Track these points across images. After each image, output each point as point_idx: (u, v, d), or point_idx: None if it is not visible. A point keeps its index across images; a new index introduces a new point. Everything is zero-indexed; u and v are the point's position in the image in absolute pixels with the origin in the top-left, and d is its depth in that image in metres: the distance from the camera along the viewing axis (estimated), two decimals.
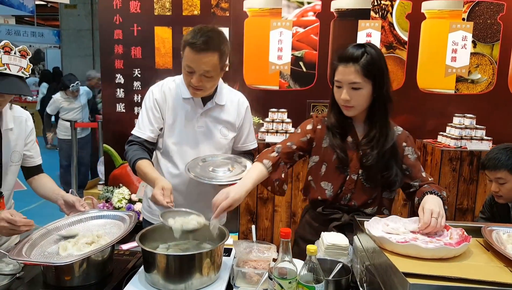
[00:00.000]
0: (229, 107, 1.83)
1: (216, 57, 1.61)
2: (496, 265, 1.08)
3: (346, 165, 1.58)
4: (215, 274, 1.29)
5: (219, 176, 1.65)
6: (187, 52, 1.60)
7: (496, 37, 3.43)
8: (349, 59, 1.47)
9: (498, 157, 1.92)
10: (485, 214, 2.16)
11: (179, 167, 1.77)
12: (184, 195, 1.80)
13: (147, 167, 1.65)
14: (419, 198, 1.50)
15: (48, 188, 1.74)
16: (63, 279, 1.26)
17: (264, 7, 3.50)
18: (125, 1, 3.52)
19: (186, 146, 1.78)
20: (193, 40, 1.57)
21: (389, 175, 1.55)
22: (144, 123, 1.76)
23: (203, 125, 1.79)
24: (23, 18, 12.68)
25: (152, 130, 1.75)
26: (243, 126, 1.89)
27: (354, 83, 1.47)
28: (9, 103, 1.66)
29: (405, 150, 1.60)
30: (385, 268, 1.06)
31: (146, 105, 1.79)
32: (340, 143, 1.58)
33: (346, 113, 1.55)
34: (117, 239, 1.32)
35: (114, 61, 3.61)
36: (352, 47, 1.50)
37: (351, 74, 1.47)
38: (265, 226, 3.33)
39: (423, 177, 1.59)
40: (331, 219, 1.62)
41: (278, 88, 3.58)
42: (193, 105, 1.77)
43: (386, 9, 3.45)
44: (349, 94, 1.49)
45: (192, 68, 1.61)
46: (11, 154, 1.64)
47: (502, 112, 3.46)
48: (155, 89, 1.80)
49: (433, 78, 3.50)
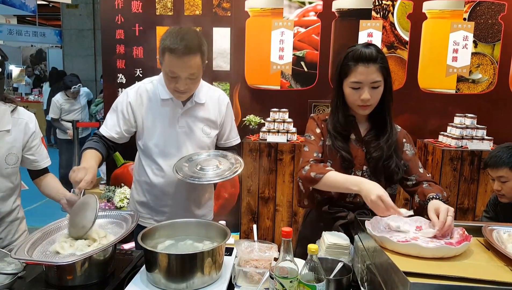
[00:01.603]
0: (209, 105, 1.82)
1: (199, 58, 1.60)
2: (497, 264, 1.08)
3: (351, 163, 1.61)
4: (217, 274, 1.29)
5: (209, 175, 1.64)
6: (168, 58, 1.59)
7: (497, 37, 3.43)
8: (370, 59, 1.50)
9: (500, 155, 1.92)
10: (489, 213, 2.16)
11: (163, 168, 1.77)
12: (172, 195, 1.80)
13: (86, 155, 1.64)
14: (421, 200, 1.51)
15: (52, 188, 1.74)
16: (65, 278, 1.26)
17: (265, 7, 3.50)
18: (127, 1, 3.53)
19: (168, 147, 1.77)
20: (173, 45, 1.55)
21: (389, 165, 1.59)
22: (113, 122, 1.77)
23: (184, 125, 1.78)
24: (25, 18, 12.70)
25: (117, 132, 1.76)
26: (225, 122, 1.88)
27: (376, 82, 1.52)
28: (12, 105, 1.65)
29: (404, 145, 1.66)
30: (386, 267, 1.06)
31: (117, 107, 1.79)
32: (342, 145, 1.60)
33: (363, 112, 1.59)
34: (119, 239, 1.32)
35: (115, 61, 3.62)
36: (365, 47, 1.53)
37: (373, 73, 1.51)
38: (267, 225, 3.33)
39: (420, 172, 1.62)
40: (337, 217, 1.63)
41: (279, 88, 3.58)
42: (173, 106, 1.76)
43: (387, 9, 3.45)
44: (370, 93, 1.53)
45: (176, 73, 1.60)
46: (7, 156, 1.61)
47: (503, 112, 3.46)
48: (131, 92, 1.79)
49: (434, 78, 3.50)
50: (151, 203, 1.84)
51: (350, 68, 1.53)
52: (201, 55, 1.62)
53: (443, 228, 1.25)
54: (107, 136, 1.76)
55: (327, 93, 3.33)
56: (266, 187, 3.27)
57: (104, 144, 1.75)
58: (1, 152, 1.60)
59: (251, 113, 3.53)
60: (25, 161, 1.71)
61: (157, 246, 1.38)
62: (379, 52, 1.53)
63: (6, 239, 1.68)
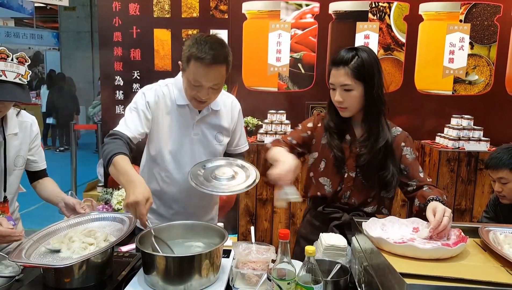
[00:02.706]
0: (223, 112, 1.78)
1: (224, 69, 1.57)
2: (493, 265, 1.09)
3: (343, 163, 1.62)
4: (214, 276, 1.29)
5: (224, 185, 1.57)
6: (194, 66, 1.53)
7: (493, 39, 3.45)
8: (340, 62, 1.54)
9: (500, 156, 1.93)
10: (489, 214, 2.16)
11: (176, 175, 1.72)
12: (184, 203, 1.76)
13: (128, 164, 1.42)
14: (421, 203, 1.51)
15: (50, 191, 1.75)
16: (62, 281, 1.26)
17: (262, 9, 3.51)
18: (125, 4, 3.53)
19: (182, 154, 1.71)
20: (201, 54, 1.50)
21: (386, 175, 1.58)
22: (134, 122, 1.62)
23: (199, 132, 1.72)
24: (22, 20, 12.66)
25: (140, 133, 1.62)
26: (236, 129, 1.85)
27: (345, 85, 1.53)
28: (17, 109, 1.67)
29: (403, 150, 1.63)
30: (383, 269, 1.07)
31: (137, 106, 1.65)
32: (337, 143, 1.62)
33: (342, 114, 1.61)
34: (116, 241, 1.32)
35: (113, 63, 3.61)
36: (344, 50, 1.56)
37: (341, 76, 1.53)
38: (264, 227, 3.34)
39: (420, 177, 1.60)
40: (331, 218, 1.64)
41: (277, 89, 3.59)
42: (189, 112, 1.70)
43: (384, 11, 3.46)
44: (342, 96, 1.55)
45: (200, 82, 1.55)
46: (15, 159, 1.66)
47: (500, 113, 3.48)
48: (148, 92, 1.68)
49: (430, 80, 3.52)
50: (160, 210, 1.78)
51: (330, 70, 1.60)
52: (227, 66, 1.58)
53: (438, 228, 1.25)
54: (132, 137, 1.58)
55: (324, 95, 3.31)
56: (264, 189, 3.28)
57: (128, 148, 1.54)
58: (10, 155, 1.64)
59: (249, 115, 3.53)
60: (26, 162, 1.74)
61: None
62: (358, 56, 1.51)
63: None
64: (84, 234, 1.40)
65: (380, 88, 1.56)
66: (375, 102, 1.56)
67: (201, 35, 1.58)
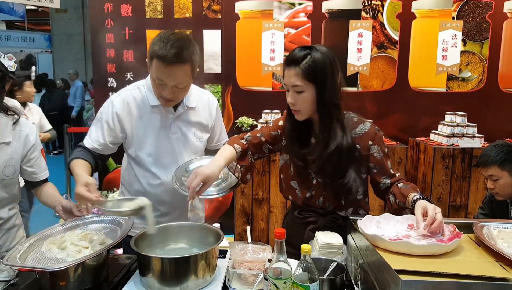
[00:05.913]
0: (200, 108, 1.77)
1: (188, 68, 1.53)
2: (487, 260, 1.10)
3: (305, 169, 1.56)
4: (211, 276, 1.29)
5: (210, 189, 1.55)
6: (156, 64, 1.51)
7: (485, 35, 3.47)
8: (291, 61, 1.44)
9: (488, 154, 1.94)
10: (485, 210, 2.18)
11: (160, 177, 1.71)
12: (169, 204, 1.75)
13: (75, 165, 1.58)
14: (400, 201, 1.46)
15: (49, 196, 1.73)
16: (58, 284, 1.25)
17: (255, 8, 3.51)
18: (116, 5, 3.51)
19: (162, 155, 1.70)
20: (162, 52, 1.47)
21: (345, 183, 1.50)
22: (96, 134, 1.68)
23: (177, 131, 1.71)
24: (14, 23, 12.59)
25: (101, 144, 1.67)
26: (216, 125, 1.84)
27: (296, 86, 1.44)
28: (15, 117, 1.63)
29: (370, 148, 1.53)
30: (378, 266, 1.07)
31: (102, 117, 1.68)
32: (295, 149, 1.55)
33: (296, 117, 1.51)
34: (112, 244, 1.32)
35: (106, 65, 3.60)
36: (298, 49, 1.45)
37: (292, 77, 1.44)
38: (261, 227, 3.34)
39: (391, 173, 1.54)
40: (307, 222, 1.61)
41: (271, 89, 3.59)
42: (164, 112, 1.68)
43: (376, 9, 3.47)
44: (294, 98, 1.46)
45: (163, 81, 1.53)
46: (4, 168, 1.60)
47: (493, 109, 3.50)
48: (116, 101, 1.67)
49: (424, 77, 3.53)
50: None
51: (283, 69, 1.50)
52: (191, 65, 1.54)
53: (432, 224, 1.25)
54: (90, 148, 1.67)
55: None
56: (259, 189, 3.28)
57: (89, 153, 1.67)
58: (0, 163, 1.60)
59: (244, 114, 3.53)
60: (24, 173, 1.71)
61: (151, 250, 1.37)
62: (311, 56, 1.41)
63: (4, 246, 1.67)
64: (80, 238, 1.39)
65: (333, 92, 1.44)
66: (327, 106, 1.44)
67: (166, 32, 1.55)
